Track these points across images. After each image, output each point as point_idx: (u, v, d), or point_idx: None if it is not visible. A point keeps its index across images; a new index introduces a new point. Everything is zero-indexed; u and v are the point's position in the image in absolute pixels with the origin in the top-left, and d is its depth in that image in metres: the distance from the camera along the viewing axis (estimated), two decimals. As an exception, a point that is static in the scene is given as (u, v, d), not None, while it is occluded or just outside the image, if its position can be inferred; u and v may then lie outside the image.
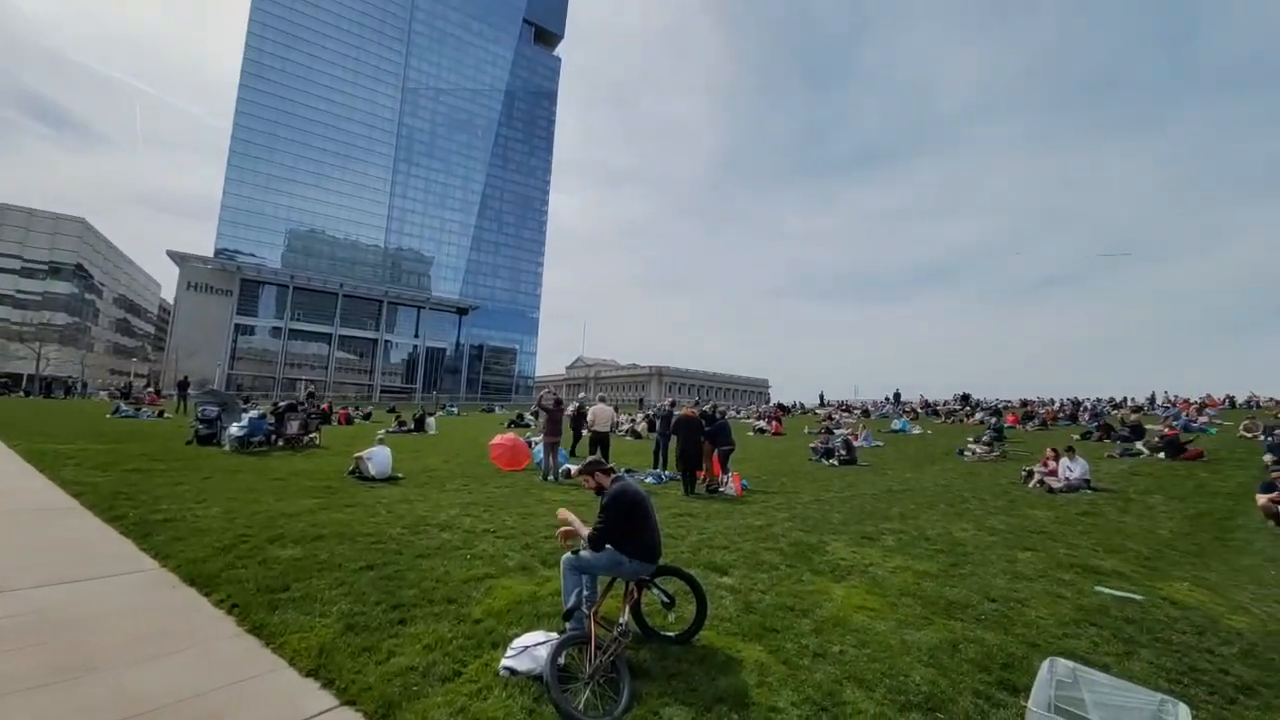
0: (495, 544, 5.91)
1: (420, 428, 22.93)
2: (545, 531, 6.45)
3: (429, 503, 8.07)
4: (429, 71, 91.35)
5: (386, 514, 7.18)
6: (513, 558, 5.45)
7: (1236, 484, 11.85)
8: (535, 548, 5.81)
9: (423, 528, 6.50)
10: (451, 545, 5.80)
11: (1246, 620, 5.00)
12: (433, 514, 7.25)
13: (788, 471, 13.62)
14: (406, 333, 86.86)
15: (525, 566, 5.20)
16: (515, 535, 6.29)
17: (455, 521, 6.86)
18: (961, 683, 3.52)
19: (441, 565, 5.12)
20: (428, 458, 13.85)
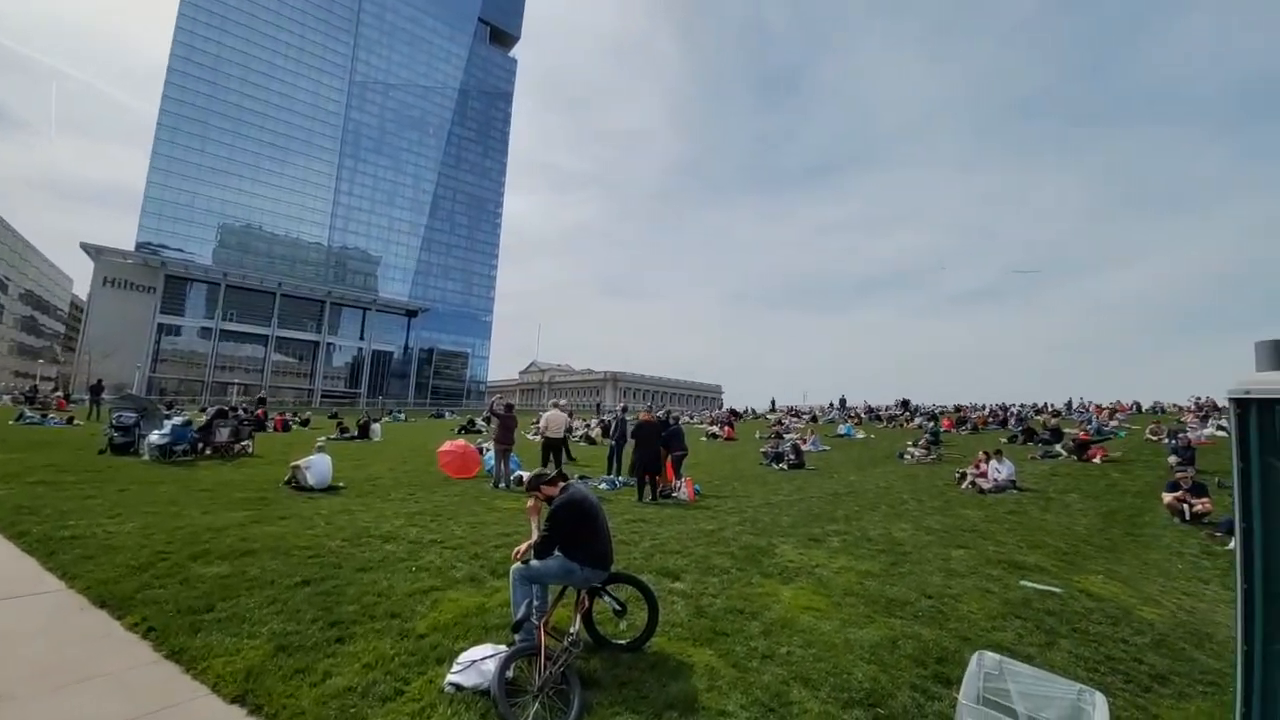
0: (442, 555, 5.73)
1: (364, 434, 22.00)
2: (495, 541, 6.31)
3: (372, 513, 7.75)
4: (378, 66, 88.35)
5: (325, 526, 6.84)
6: (460, 569, 5.29)
7: (1144, 483, 12.92)
8: (485, 558, 5.67)
9: (365, 539, 6.22)
10: (395, 557, 5.58)
11: (1156, 611, 5.45)
12: (376, 525, 6.95)
13: (739, 476, 13.87)
14: (351, 335, 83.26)
15: (474, 578, 5.06)
16: (464, 545, 6.11)
17: (400, 532, 6.61)
18: (900, 678, 3.67)
19: (384, 578, 4.92)
20: (372, 466, 13.29)
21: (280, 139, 79.04)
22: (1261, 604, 1.95)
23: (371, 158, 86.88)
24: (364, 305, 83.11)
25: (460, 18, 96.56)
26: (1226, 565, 7.56)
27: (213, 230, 74.66)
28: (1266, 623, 1.92)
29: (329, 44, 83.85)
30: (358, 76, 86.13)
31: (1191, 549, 8.40)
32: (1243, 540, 2.04)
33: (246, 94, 76.68)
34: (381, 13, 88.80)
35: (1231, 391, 2.13)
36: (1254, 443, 2.04)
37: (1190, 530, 9.32)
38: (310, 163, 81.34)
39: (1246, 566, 2.01)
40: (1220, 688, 3.84)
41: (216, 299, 70.86)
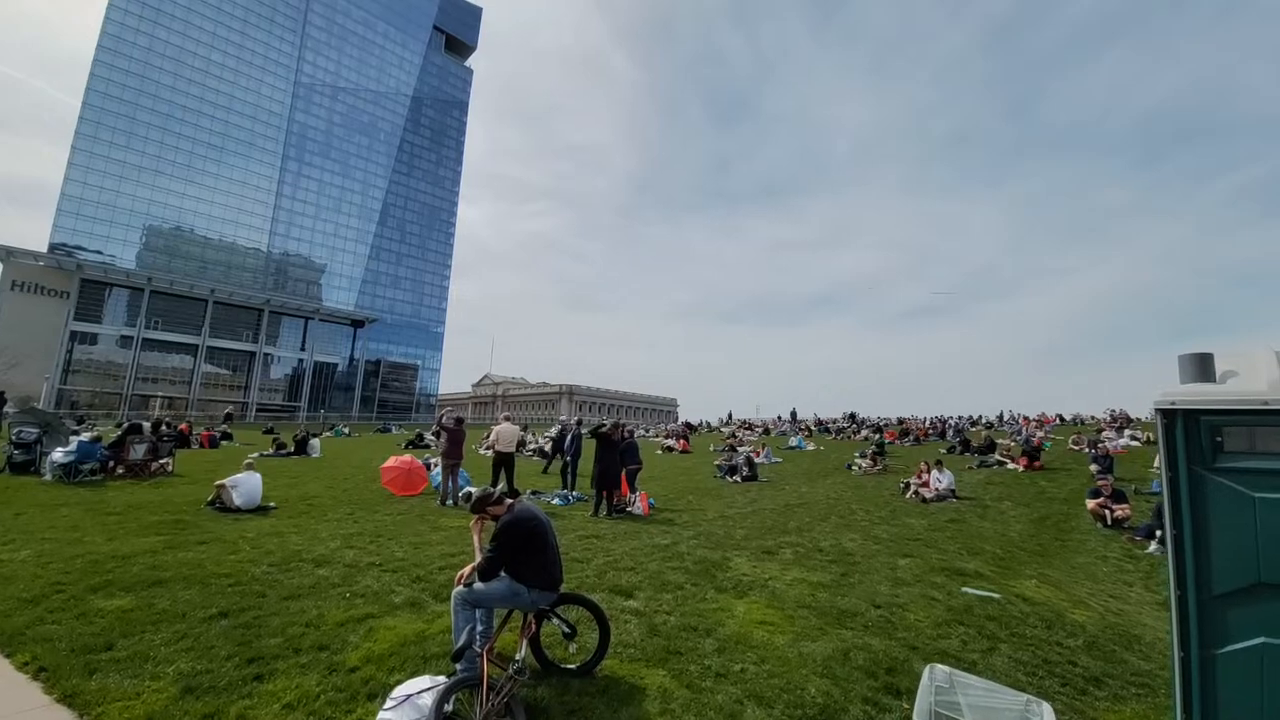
0: (380, 579, 5.37)
1: (302, 450, 20.78)
2: (439, 562, 5.98)
3: (305, 535, 7.23)
4: (326, 68, 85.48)
5: (250, 550, 6.32)
6: (400, 593, 4.96)
7: (1070, 490, 13.72)
8: (427, 580, 5.35)
9: (294, 564, 5.77)
10: (328, 583, 5.19)
11: (1086, 614, 5.70)
12: (308, 547, 6.48)
13: (694, 489, 13.85)
14: (291, 345, 79.12)
15: (414, 603, 4.75)
16: (404, 568, 5.76)
17: (335, 555, 6.18)
18: (852, 691, 3.65)
19: (314, 607, 4.55)
20: (308, 484, 12.51)
21: (216, 138, 74.96)
22: (1195, 610, 2.01)
23: (318, 161, 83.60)
24: (306, 314, 79.26)
25: (414, 25, 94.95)
26: (1148, 568, 8.07)
27: (138, 232, 69.68)
28: (1201, 629, 1.98)
29: (273, 43, 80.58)
30: (303, 78, 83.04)
31: (1114, 553, 8.93)
32: (1174, 548, 2.10)
33: (180, 90, 72.48)
34: (331, 14, 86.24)
35: (1158, 403, 2.22)
36: (1180, 452, 2.12)
37: (1112, 535, 9.91)
38: (250, 164, 77.42)
39: (1179, 573, 2.07)
40: (1152, 690, 4.01)
41: (139, 305, 65.90)
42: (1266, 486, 1.92)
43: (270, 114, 79.60)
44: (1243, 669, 1.90)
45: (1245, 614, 1.91)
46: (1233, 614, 1.93)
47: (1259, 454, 1.98)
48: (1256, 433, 1.98)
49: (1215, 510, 2.01)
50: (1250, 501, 1.94)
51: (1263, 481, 1.93)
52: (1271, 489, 1.91)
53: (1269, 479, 1.93)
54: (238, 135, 76.51)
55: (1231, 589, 1.94)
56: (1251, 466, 1.97)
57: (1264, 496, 1.92)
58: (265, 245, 78.72)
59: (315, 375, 79.34)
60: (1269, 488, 1.92)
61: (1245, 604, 1.91)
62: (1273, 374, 2.00)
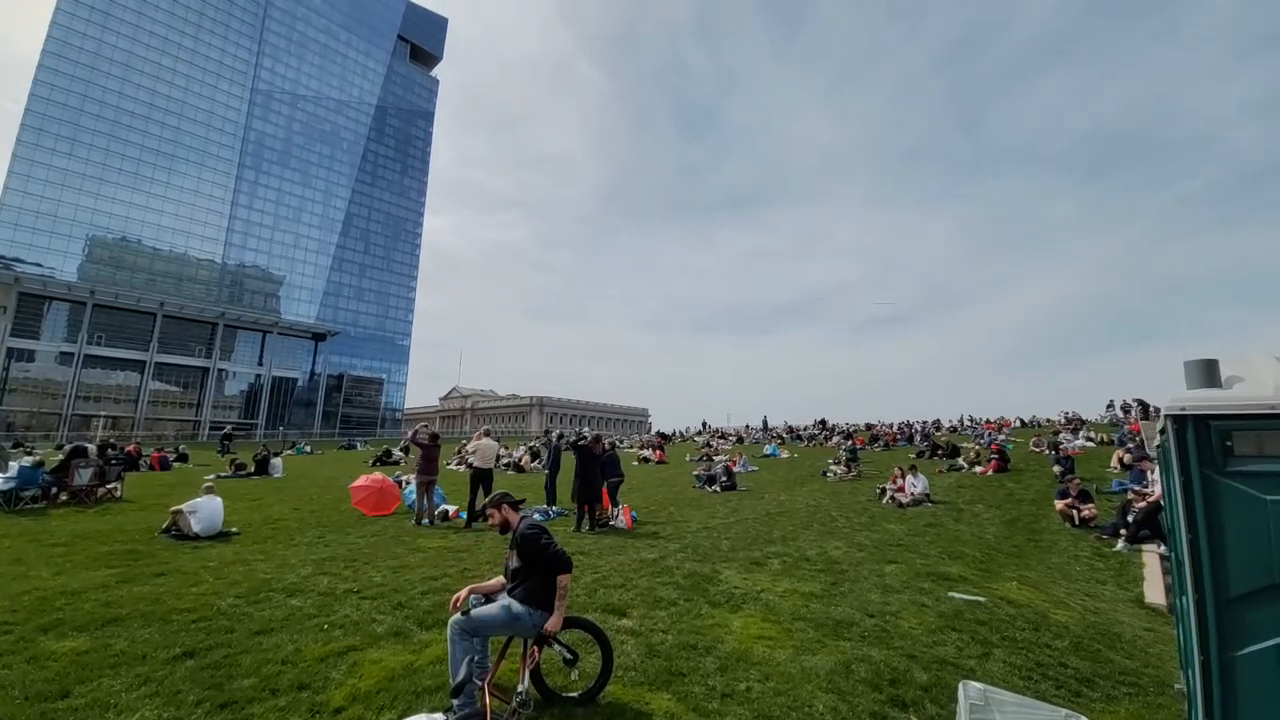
0: (360, 607, 5.08)
1: (262, 470, 19.85)
2: (421, 586, 5.72)
3: (273, 562, 6.84)
4: (285, 75, 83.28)
5: (214, 581, 5.93)
6: (382, 622, 4.70)
7: (1036, 491, 14.17)
8: (410, 606, 5.09)
9: (264, 594, 5.43)
10: (303, 614, 4.89)
11: (1068, 614, 5.83)
12: (278, 576, 6.12)
13: (674, 500, 13.77)
14: (248, 360, 75.98)
15: (398, 632, 4.50)
16: (384, 594, 5.48)
17: (307, 583, 5.84)
18: (859, 705, 3.60)
19: (289, 641, 4.26)
20: (272, 506, 11.92)
21: (167, 145, 71.95)
22: (1214, 613, 2.02)
23: (276, 170, 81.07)
24: (264, 328, 76.35)
25: (378, 34, 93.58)
26: (1118, 566, 8.35)
27: (80, 243, 66.09)
28: (1221, 632, 2.00)
29: (228, 49, 78.12)
30: (261, 85, 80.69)
31: (1085, 552, 9.21)
32: (1190, 552, 2.13)
33: (128, 95, 69.44)
34: (290, 21, 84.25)
35: (1168, 409, 2.25)
36: (1193, 456, 2.16)
37: (1081, 534, 10.24)
38: (203, 173, 74.50)
39: (1196, 577, 2.09)
40: (1141, 689, 4.10)
41: (81, 320, 62.33)
42: (1276, 489, 1.96)
43: (225, 121, 76.95)
44: (1262, 670, 1.92)
45: (1262, 615, 1.94)
46: (1250, 616, 1.96)
47: (1268, 458, 2.02)
48: (1264, 437, 2.03)
49: (1228, 514, 2.04)
50: (1262, 504, 1.97)
51: (1272, 484, 1.98)
52: (1283, 492, 1.94)
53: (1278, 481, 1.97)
54: (190, 143, 73.64)
55: (1247, 591, 1.97)
56: (1262, 470, 2.02)
57: (1275, 499, 1.95)
58: (220, 256, 75.68)
59: (274, 391, 76.37)
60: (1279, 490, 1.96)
61: (1262, 605, 1.94)
62: (1278, 380, 2.05)
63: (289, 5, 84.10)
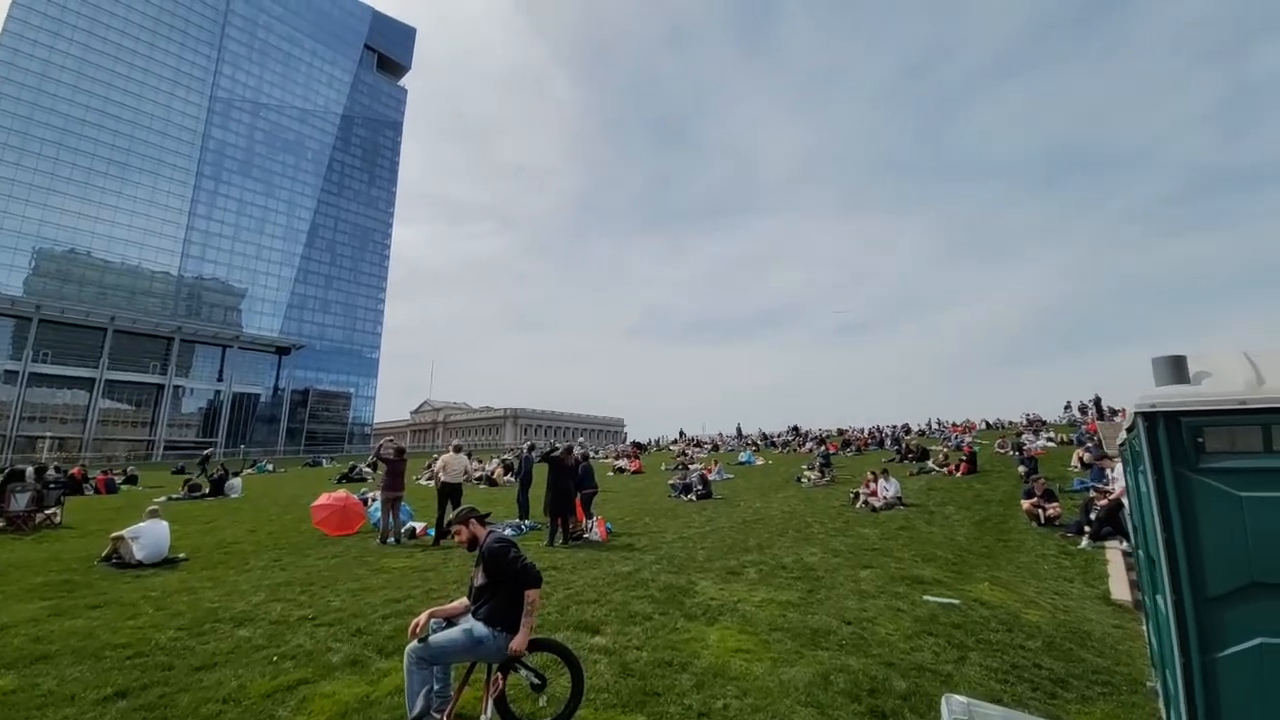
0: (314, 635, 4.77)
1: (218, 490, 18.95)
2: (383, 610, 5.42)
3: (222, 589, 6.43)
4: (246, 83, 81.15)
5: (154, 612, 5.52)
6: (339, 650, 4.41)
7: (1003, 492, 14.45)
8: (370, 632, 4.81)
9: (209, 625, 5.07)
10: (251, 645, 4.56)
11: (1039, 613, 5.87)
12: (226, 604, 5.74)
13: (650, 510, 13.60)
14: (206, 376, 73.10)
15: (355, 660, 4.22)
16: (342, 619, 5.17)
17: (258, 611, 5.48)
18: (839, 718, 3.50)
19: (233, 677, 3.94)
20: (226, 529, 11.33)
21: (120, 154, 69.18)
22: (1193, 614, 1.98)
23: (237, 180, 78.67)
24: (224, 342, 73.67)
25: (343, 44, 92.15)
26: (1083, 563, 8.51)
27: (26, 256, 62.81)
28: (1201, 633, 1.95)
29: (186, 55, 75.79)
30: (220, 93, 78.44)
31: (1051, 550, 9.38)
32: (1166, 550, 2.09)
33: (80, 103, 66.65)
34: (251, 29, 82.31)
35: (1139, 406, 2.22)
36: (1165, 455, 2.12)
37: (1047, 533, 10.44)
38: (158, 183, 71.78)
39: (1174, 577, 2.05)
40: (1115, 688, 4.11)
41: (26, 336, 59.10)
42: (1251, 485, 1.94)
43: (183, 129, 74.45)
44: (1244, 671, 1.88)
45: (1242, 615, 1.90)
46: (1230, 616, 1.92)
47: (1240, 454, 2.00)
48: (1236, 432, 2.01)
49: (1203, 511, 2.01)
50: (1237, 501, 1.94)
51: (1246, 480, 1.95)
52: (1256, 488, 1.92)
53: (1252, 478, 1.94)
54: (145, 151, 70.96)
55: (1226, 590, 1.93)
56: (1234, 466, 1.99)
57: (1250, 495, 1.93)
58: (176, 268, 72.83)
59: (234, 407, 73.59)
60: (1253, 486, 1.93)
61: (1241, 605, 1.91)
62: (1247, 374, 2.04)
63: (250, 13, 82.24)
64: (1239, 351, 2.17)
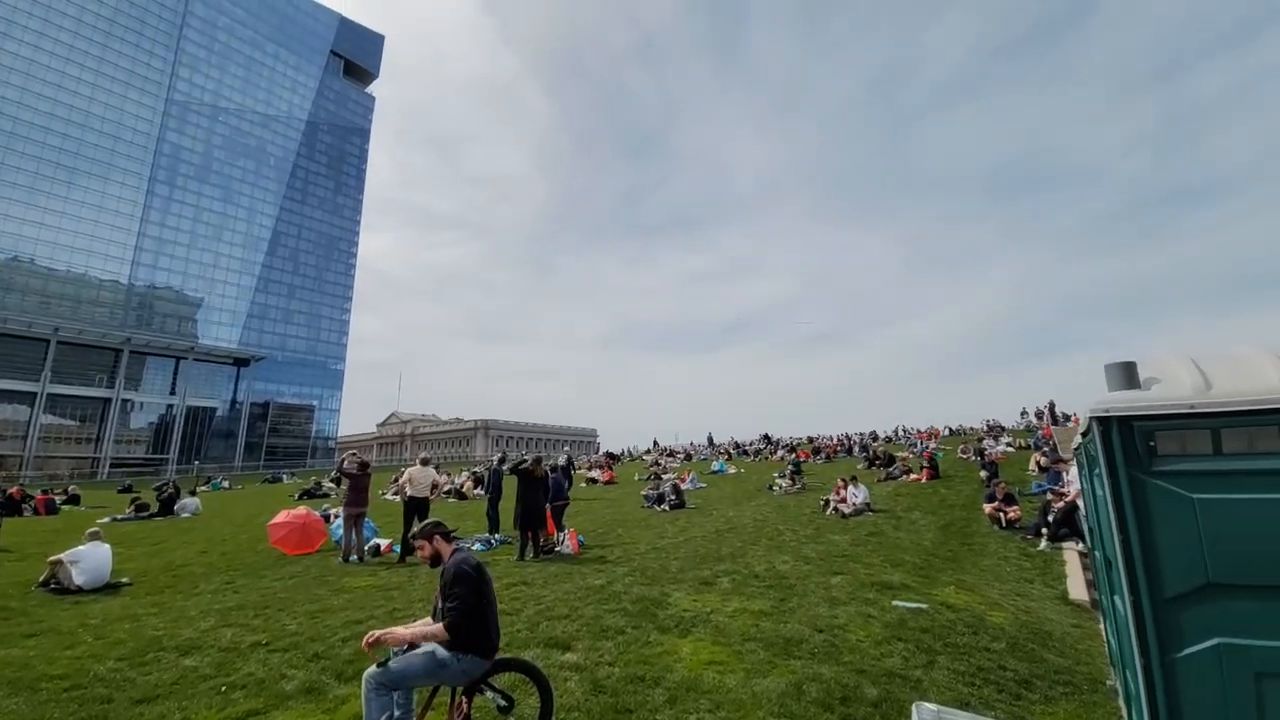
0: (268, 662, 4.52)
1: (168, 510, 18.01)
2: (343, 632, 5.19)
3: (167, 615, 6.07)
4: (205, 87, 78.64)
5: (94, 641, 5.17)
6: (293, 678, 4.18)
7: (966, 496, 14.82)
8: (328, 657, 4.58)
9: (153, 655, 4.76)
10: (198, 675, 4.29)
11: (1002, 615, 5.99)
12: (171, 631, 5.41)
13: (623, 521, 13.48)
14: (158, 389, 69.87)
15: (311, 688, 4.01)
16: (299, 644, 4.92)
17: (206, 638, 5.18)
18: (811, 729, 3.48)
19: (176, 709, 3.70)
20: (175, 550, 10.75)
21: (67, 158, 66.01)
22: (1151, 615, 2.02)
23: (194, 186, 75.90)
24: (177, 354, 70.62)
25: (308, 49, 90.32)
26: (1042, 564, 8.76)
27: (-39, 263, 59.23)
28: (1159, 634, 2.00)
29: (140, 57, 73.05)
30: (177, 96, 75.81)
31: (1012, 552, 9.64)
32: (1123, 553, 2.14)
33: (27, 105, 63.49)
34: (211, 31, 79.99)
35: (1094, 411, 2.28)
36: (1119, 458, 2.18)
37: (1008, 535, 10.74)
38: (108, 188, 68.68)
39: (1131, 579, 2.09)
40: (1075, 686, 4.20)
41: (-43, 349, 55.57)
42: (1202, 487, 2.00)
43: (135, 133, 71.57)
44: (1203, 670, 1.92)
45: (1199, 615, 1.95)
46: (1187, 616, 1.97)
47: (1191, 456, 2.06)
48: (1187, 436, 2.07)
49: (1158, 514, 2.07)
50: (1190, 503, 2.00)
51: (1198, 483, 2.01)
52: (1207, 490, 1.98)
53: (1203, 480, 2.01)
54: (95, 155, 67.92)
55: (1183, 591, 1.98)
56: (1186, 469, 2.05)
57: (1201, 497, 1.99)
58: (126, 277, 69.64)
59: (188, 422, 70.44)
60: (1204, 488, 1.99)
61: (1198, 605, 1.96)
62: (1194, 379, 2.11)
63: (209, 15, 79.97)
64: (1185, 357, 2.25)
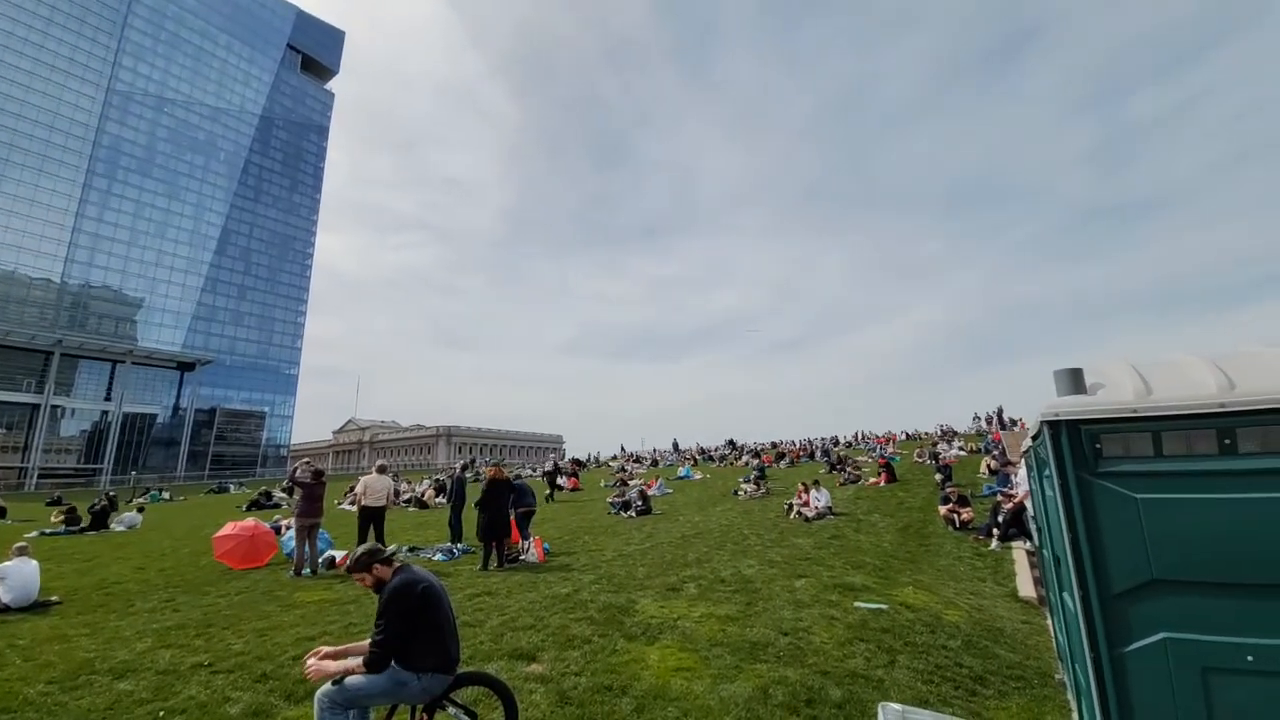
0: (210, 684, 4.26)
1: (101, 524, 16.88)
2: (294, 650, 4.94)
3: (100, 636, 5.66)
4: (150, 77, 74.82)
5: (22, 663, 4.78)
6: (238, 700, 3.95)
7: (923, 499, 15.30)
8: (277, 677, 4.35)
9: (85, 678, 4.43)
10: (133, 699, 4.01)
11: (958, 613, 6.18)
12: (105, 653, 5.05)
13: (589, 528, 13.36)
14: (92, 395, 65.67)
15: (258, 710, 3.79)
16: (245, 664, 4.66)
17: (143, 660, 4.85)
18: (777, 733, 3.50)
19: (109, 738, 3.45)
20: (109, 566, 10.07)
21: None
22: (1099, 611, 2.12)
23: (135, 180, 71.95)
24: (114, 357, 66.58)
25: (264, 41, 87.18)
26: (993, 563, 9.10)
27: None
28: (1108, 629, 2.09)
29: (81, 45, 69.02)
30: (120, 85, 71.89)
31: (966, 553, 9.98)
32: (1072, 551, 2.23)
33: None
34: (158, 19, 76.28)
35: (1044, 415, 2.38)
36: (1068, 459, 2.28)
37: (962, 536, 11.12)
38: (41, 180, 64.42)
39: (1080, 576, 2.18)
40: (1027, 682, 4.36)
41: None
42: (1145, 488, 2.10)
43: (73, 123, 67.46)
44: (1150, 664, 2.02)
45: (1145, 610, 2.05)
46: (1133, 611, 2.06)
47: (1133, 458, 2.17)
48: (1130, 438, 2.18)
49: (1104, 513, 2.17)
50: (1134, 503, 2.11)
51: (1140, 483, 2.12)
52: (1150, 490, 2.09)
53: (1145, 480, 2.11)
54: (27, 146, 63.68)
55: (1129, 587, 2.08)
56: (1129, 470, 2.16)
57: (1144, 497, 2.09)
58: (59, 275, 65.33)
59: (125, 429, 66.40)
60: (1146, 489, 2.10)
61: (1143, 601, 2.05)
62: (1136, 385, 2.23)
63: (157, 3, 76.35)
64: (1128, 364, 2.38)
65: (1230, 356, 2.28)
